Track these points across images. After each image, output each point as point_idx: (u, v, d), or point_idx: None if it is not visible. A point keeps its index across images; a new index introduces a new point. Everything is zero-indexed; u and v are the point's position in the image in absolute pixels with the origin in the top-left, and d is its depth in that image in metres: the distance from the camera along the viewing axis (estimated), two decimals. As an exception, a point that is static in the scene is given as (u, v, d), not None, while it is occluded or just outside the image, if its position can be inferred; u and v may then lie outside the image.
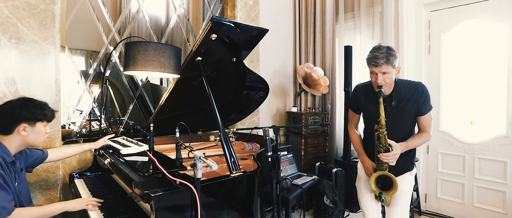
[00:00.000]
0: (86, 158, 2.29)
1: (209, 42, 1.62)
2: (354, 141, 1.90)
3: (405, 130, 1.67)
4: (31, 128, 1.38)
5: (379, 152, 1.58)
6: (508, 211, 2.57)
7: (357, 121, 1.92)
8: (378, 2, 3.11)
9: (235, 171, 1.40)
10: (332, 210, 2.85)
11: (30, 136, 1.39)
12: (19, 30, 1.90)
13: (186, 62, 1.74)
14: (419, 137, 1.67)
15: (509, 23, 2.52)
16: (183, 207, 1.18)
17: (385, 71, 1.56)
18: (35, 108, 1.39)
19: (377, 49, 1.59)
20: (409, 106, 1.64)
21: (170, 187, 1.19)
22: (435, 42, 2.93)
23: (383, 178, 1.62)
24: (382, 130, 1.56)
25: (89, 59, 2.63)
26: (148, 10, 2.66)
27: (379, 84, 1.57)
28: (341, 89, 3.47)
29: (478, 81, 2.72)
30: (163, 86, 3.04)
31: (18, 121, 1.35)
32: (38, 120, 1.40)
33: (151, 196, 1.08)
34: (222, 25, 1.53)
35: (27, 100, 1.40)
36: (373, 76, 1.62)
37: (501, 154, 2.59)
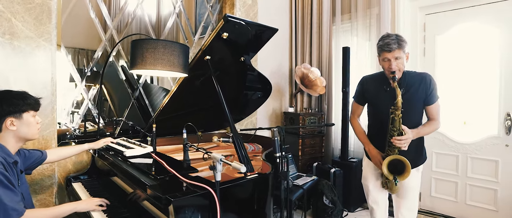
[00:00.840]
0: (82, 160, 2.20)
1: (219, 41, 1.59)
2: (358, 131, 1.95)
3: (414, 118, 1.71)
4: (18, 121, 1.32)
5: (392, 136, 1.61)
6: (499, 208, 2.67)
7: (361, 112, 1.97)
8: (375, 4, 3.16)
9: (250, 172, 1.38)
10: (331, 210, 2.87)
11: (22, 129, 1.33)
12: (13, 25, 1.79)
13: (195, 61, 1.69)
14: (429, 125, 1.73)
15: (500, 28, 2.62)
16: (201, 210, 1.15)
17: (398, 56, 1.62)
18: (16, 99, 1.32)
19: (387, 37, 1.66)
20: (417, 95, 1.69)
21: (187, 190, 1.15)
22: (430, 45, 3.01)
23: (394, 164, 1.63)
24: (398, 112, 1.59)
25: (82, 57, 2.54)
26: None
27: (392, 70, 1.63)
28: (337, 89, 3.51)
29: (471, 83, 2.81)
30: (154, 85, 2.97)
31: (2, 116, 1.28)
32: (23, 110, 1.33)
33: (171, 200, 1.04)
34: (234, 24, 1.50)
35: (5, 93, 1.32)
36: (386, 63, 1.67)
37: (493, 154, 2.69)
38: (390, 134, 1.63)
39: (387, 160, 1.62)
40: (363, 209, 3.17)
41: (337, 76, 3.51)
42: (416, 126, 1.71)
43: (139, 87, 2.56)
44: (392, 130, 1.62)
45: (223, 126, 2.89)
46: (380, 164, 1.71)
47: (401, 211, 1.81)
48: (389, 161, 1.62)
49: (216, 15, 3.15)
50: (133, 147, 1.78)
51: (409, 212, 1.79)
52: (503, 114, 2.64)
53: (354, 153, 3.37)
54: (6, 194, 1.17)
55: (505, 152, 2.62)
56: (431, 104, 1.72)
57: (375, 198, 1.88)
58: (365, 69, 3.28)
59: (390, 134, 1.62)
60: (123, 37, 2.33)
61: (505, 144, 2.62)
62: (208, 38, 1.57)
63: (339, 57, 3.37)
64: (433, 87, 1.71)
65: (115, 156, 1.72)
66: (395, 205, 1.85)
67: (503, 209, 2.64)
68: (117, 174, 1.63)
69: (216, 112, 2.43)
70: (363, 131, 1.92)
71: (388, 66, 1.65)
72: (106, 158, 1.78)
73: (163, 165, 1.42)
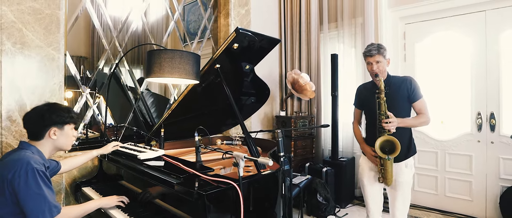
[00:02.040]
0: (87, 166, 2.24)
1: (229, 51, 1.72)
2: (356, 134, 2.20)
3: (401, 115, 1.93)
4: (60, 132, 1.43)
5: (380, 121, 1.85)
6: (474, 198, 2.96)
7: (360, 116, 2.21)
8: (359, 14, 3.41)
9: (263, 169, 1.52)
10: (325, 207, 3.05)
11: (60, 140, 1.43)
12: (24, 35, 1.84)
13: (205, 69, 1.81)
14: (417, 117, 1.98)
15: (472, 37, 2.93)
16: (225, 202, 1.27)
17: (378, 60, 1.92)
18: (63, 111, 1.43)
19: (371, 45, 1.98)
20: (400, 92, 1.94)
21: (214, 186, 1.27)
22: (410, 51, 3.29)
23: (384, 146, 1.85)
24: (382, 95, 1.85)
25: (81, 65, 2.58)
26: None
27: (375, 73, 1.91)
28: (326, 94, 3.73)
29: (446, 85, 3.11)
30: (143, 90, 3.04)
31: (48, 125, 1.38)
32: (66, 123, 1.44)
33: (204, 193, 1.16)
34: (245, 36, 1.64)
35: (54, 105, 1.44)
36: (369, 67, 1.96)
37: (467, 149, 2.98)
38: (379, 119, 1.86)
39: (379, 141, 1.83)
40: (353, 205, 3.38)
41: (326, 81, 3.73)
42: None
43: (141, 95, 2.63)
44: (379, 115, 1.86)
45: (220, 130, 3.01)
46: (374, 157, 1.92)
47: (395, 204, 2.00)
48: (380, 142, 1.83)
49: (211, 24, 3.27)
50: (144, 150, 1.87)
51: (403, 205, 1.99)
52: (474, 113, 2.94)
53: (343, 153, 3.58)
54: (49, 193, 1.28)
55: (478, 147, 2.92)
56: (416, 101, 1.97)
57: (369, 193, 2.06)
58: (351, 74, 3.52)
59: (379, 119, 1.86)
60: (133, 47, 2.41)
61: (477, 140, 2.92)
62: (219, 49, 1.70)
63: (327, 63, 3.59)
64: (414, 87, 1.96)
65: (128, 160, 1.80)
66: (390, 199, 2.04)
67: (477, 199, 2.93)
68: (131, 174, 1.71)
69: (216, 117, 2.56)
70: (360, 133, 2.19)
71: (371, 69, 1.95)
72: (119, 162, 1.85)
73: (178, 166, 1.54)
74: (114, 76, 2.50)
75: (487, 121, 2.88)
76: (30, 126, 1.39)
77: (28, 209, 1.23)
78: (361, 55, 3.41)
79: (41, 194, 1.25)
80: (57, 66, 1.99)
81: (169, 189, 1.37)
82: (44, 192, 1.26)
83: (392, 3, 3.33)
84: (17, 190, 1.22)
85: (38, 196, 1.24)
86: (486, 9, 2.85)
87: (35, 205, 1.23)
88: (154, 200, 1.54)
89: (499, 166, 2.83)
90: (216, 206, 1.24)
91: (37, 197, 1.24)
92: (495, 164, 2.84)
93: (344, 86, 3.51)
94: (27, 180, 1.23)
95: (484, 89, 2.87)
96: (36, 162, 1.30)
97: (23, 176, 1.23)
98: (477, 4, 2.87)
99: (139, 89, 2.67)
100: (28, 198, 1.23)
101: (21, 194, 1.22)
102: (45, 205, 1.25)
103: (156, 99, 2.98)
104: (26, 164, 1.25)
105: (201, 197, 1.17)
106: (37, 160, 1.32)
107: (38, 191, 1.25)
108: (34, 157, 1.32)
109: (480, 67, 2.89)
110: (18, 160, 1.27)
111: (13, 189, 1.22)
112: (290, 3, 3.90)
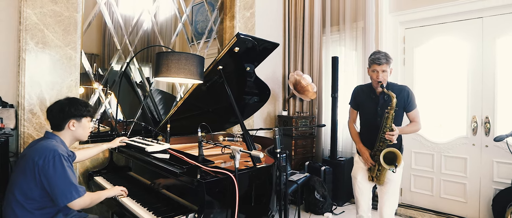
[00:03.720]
0: (98, 158, 2.42)
1: (231, 53, 1.87)
2: (352, 133, 2.28)
3: (396, 122, 2.03)
4: (78, 123, 1.60)
5: (385, 132, 1.93)
6: (468, 200, 3.04)
7: (356, 116, 2.29)
8: (361, 18, 3.52)
9: (259, 163, 1.66)
10: (322, 204, 3.17)
11: (78, 131, 1.60)
12: (45, 35, 2.02)
13: (209, 70, 1.96)
14: (410, 126, 2.08)
15: (469, 41, 3.02)
16: (222, 191, 1.42)
17: (384, 70, 1.98)
18: (81, 105, 1.60)
19: (378, 53, 2.02)
20: (397, 101, 2.01)
21: (211, 176, 1.42)
22: (409, 56, 3.38)
23: (386, 157, 1.95)
24: (392, 111, 1.92)
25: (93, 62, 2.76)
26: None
27: (379, 81, 1.97)
28: (327, 95, 3.84)
29: (444, 89, 3.19)
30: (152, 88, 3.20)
31: (68, 117, 1.56)
32: (84, 115, 1.61)
33: (203, 181, 1.31)
34: (245, 40, 1.79)
35: (73, 100, 1.61)
36: (375, 74, 2.01)
37: (463, 152, 3.07)
38: (383, 130, 1.95)
39: (383, 153, 1.92)
40: (350, 203, 3.49)
41: (327, 83, 3.85)
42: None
43: (150, 93, 2.80)
44: (385, 127, 1.95)
45: (224, 128, 3.15)
46: (368, 158, 2.04)
47: (384, 201, 2.12)
48: (385, 153, 1.93)
49: (217, 25, 3.43)
50: (151, 144, 2.03)
51: (392, 201, 2.10)
52: (470, 117, 3.02)
53: (342, 152, 3.69)
54: (74, 176, 1.46)
55: (472, 150, 3.01)
56: (410, 111, 2.08)
57: (361, 189, 2.18)
58: (351, 76, 3.63)
59: (383, 130, 1.95)
60: (143, 48, 2.58)
61: (472, 143, 3.01)
62: (222, 52, 1.85)
63: (329, 65, 3.71)
64: (411, 98, 2.06)
65: (137, 152, 1.96)
66: (379, 196, 2.16)
67: (471, 201, 3.02)
68: (139, 166, 1.87)
69: (220, 115, 2.70)
70: (356, 132, 2.26)
71: (376, 77, 2.00)
72: (129, 153, 2.02)
73: (183, 159, 1.69)
74: (125, 74, 2.67)
75: (482, 125, 2.96)
76: (52, 117, 1.57)
77: (57, 190, 1.41)
78: (361, 58, 3.52)
79: (67, 176, 1.43)
80: (74, 64, 2.17)
81: (173, 177, 1.52)
82: (69, 175, 1.44)
83: (393, 8, 3.43)
84: (47, 174, 1.40)
85: (65, 178, 1.42)
86: (483, 16, 2.93)
87: (63, 186, 1.41)
88: (160, 190, 1.69)
89: (492, 169, 2.90)
90: (214, 194, 1.38)
91: (64, 179, 1.42)
92: (489, 167, 2.92)
93: (344, 88, 3.62)
94: (55, 164, 1.41)
95: (480, 94, 2.95)
96: (62, 150, 1.47)
97: (51, 161, 1.41)
98: (475, 10, 2.95)
99: (148, 87, 2.84)
100: (57, 180, 1.40)
101: (51, 177, 1.40)
102: (72, 186, 1.43)
103: (163, 96, 3.15)
104: (53, 151, 1.44)
105: (201, 184, 1.32)
106: (62, 149, 1.50)
107: (64, 174, 1.42)
108: (60, 146, 1.50)
109: (476, 72, 2.97)
110: (47, 147, 1.45)
111: (43, 174, 1.40)
112: (294, 6, 4.02)
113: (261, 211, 1.67)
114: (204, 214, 1.31)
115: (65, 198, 1.41)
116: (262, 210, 1.68)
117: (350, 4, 3.61)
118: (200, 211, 1.32)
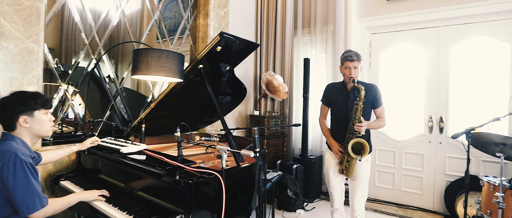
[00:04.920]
0: (63, 161, 2.24)
1: (212, 53, 1.84)
2: (323, 128, 2.39)
3: (364, 116, 2.16)
4: (31, 119, 1.42)
5: (354, 123, 2.06)
6: (424, 192, 3.33)
7: (326, 113, 2.41)
8: (331, 22, 3.67)
9: (242, 163, 1.66)
10: (295, 201, 3.26)
11: (35, 127, 1.43)
12: (2, 26, 1.82)
13: (189, 68, 1.92)
14: (377, 121, 2.24)
15: (427, 48, 3.30)
16: (208, 191, 1.40)
17: (356, 66, 2.12)
18: (28, 98, 1.42)
19: (350, 51, 2.18)
20: (366, 98, 2.15)
21: (196, 176, 1.39)
22: (375, 59, 3.61)
23: (355, 148, 2.06)
24: (360, 103, 2.05)
25: (56, 58, 2.55)
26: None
27: (352, 77, 2.10)
28: (298, 95, 3.95)
29: (405, 91, 3.46)
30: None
31: (15, 114, 1.39)
32: (34, 109, 1.43)
33: (190, 182, 1.28)
34: (228, 40, 1.77)
35: (18, 94, 1.44)
36: (347, 71, 2.14)
37: (420, 148, 3.35)
38: (352, 122, 2.07)
39: (351, 143, 2.03)
40: (320, 199, 3.63)
41: (298, 83, 3.96)
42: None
43: (119, 91, 2.65)
44: (354, 118, 2.07)
45: (197, 128, 3.09)
46: (338, 149, 2.16)
47: (355, 195, 2.24)
48: (353, 143, 2.03)
49: (191, 23, 3.35)
50: (126, 145, 1.93)
51: (362, 195, 2.23)
52: (427, 117, 3.31)
53: (312, 151, 3.83)
54: (37, 183, 1.32)
55: (428, 147, 3.30)
56: (377, 107, 2.23)
57: (334, 184, 2.29)
58: (321, 77, 3.78)
59: (352, 122, 2.07)
60: (118, 43, 2.43)
61: (428, 140, 3.30)
62: (203, 50, 1.81)
63: (300, 66, 3.82)
64: (378, 95, 2.21)
65: (111, 153, 1.85)
66: (350, 190, 2.28)
67: (426, 192, 3.31)
68: (111, 168, 1.77)
69: (193, 114, 2.65)
70: (327, 128, 2.38)
71: (349, 73, 2.14)
72: (101, 155, 1.90)
73: (163, 160, 1.64)
74: (92, 71, 2.49)
75: (437, 124, 3.26)
76: (0, 118, 1.40)
77: (18, 200, 1.27)
78: (331, 60, 3.68)
79: (30, 185, 1.29)
80: (36, 59, 1.98)
81: (155, 179, 1.46)
82: (32, 183, 1.30)
83: (360, 14, 3.63)
84: (6, 181, 1.25)
85: (27, 187, 1.28)
86: (439, 25, 3.23)
87: (24, 196, 1.27)
88: (137, 192, 1.62)
89: (445, 163, 3.22)
90: (201, 195, 1.36)
91: (26, 188, 1.28)
92: (442, 162, 3.23)
93: (315, 89, 3.75)
94: (16, 172, 1.27)
95: (435, 96, 3.25)
96: (23, 154, 1.33)
97: (11, 167, 1.26)
98: (432, 20, 3.24)
99: (118, 85, 2.69)
100: (18, 189, 1.26)
101: (10, 186, 1.26)
102: (35, 195, 1.29)
103: (130, 94, 3.00)
104: (14, 156, 1.28)
105: (188, 185, 1.29)
106: (24, 152, 1.35)
107: (26, 182, 1.28)
108: (21, 149, 1.35)
109: (432, 76, 3.27)
110: (5, 151, 1.29)
111: (1, 181, 1.25)
112: (267, 7, 4.07)
113: (243, 210, 1.68)
114: (191, 216, 1.28)
115: (26, 209, 1.28)
116: (244, 209, 1.68)
117: (321, 8, 3.74)
118: (188, 213, 1.29)
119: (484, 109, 3.03)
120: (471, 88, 3.10)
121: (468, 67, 3.11)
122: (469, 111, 3.11)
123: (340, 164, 2.21)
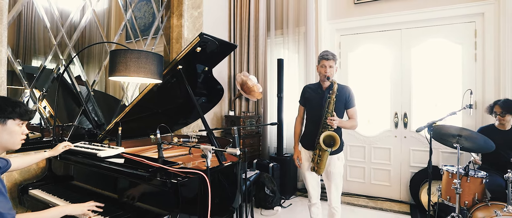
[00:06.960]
0: (30, 169, 2.11)
1: (192, 54, 1.85)
2: (296, 132, 2.48)
3: (337, 115, 2.27)
4: (1, 127, 1.25)
5: (327, 117, 2.15)
6: (392, 183, 3.57)
7: (303, 113, 2.49)
8: (303, 23, 3.80)
9: (225, 161, 1.69)
10: (272, 199, 3.33)
11: (3, 136, 1.26)
12: (-40, 25, 1.68)
13: (167, 69, 1.90)
14: (349, 121, 2.35)
15: (391, 49, 3.54)
16: (193, 190, 1.41)
17: (331, 65, 2.23)
18: (6, 105, 1.27)
19: (326, 51, 2.29)
20: (339, 97, 2.27)
21: (181, 177, 1.40)
22: (344, 59, 3.79)
23: (326, 140, 2.15)
24: (333, 96, 2.15)
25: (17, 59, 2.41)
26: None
27: (327, 75, 2.20)
28: (272, 95, 4.04)
29: (373, 89, 3.68)
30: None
31: None
32: (9, 117, 1.27)
33: (177, 182, 1.28)
34: (207, 41, 1.79)
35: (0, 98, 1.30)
36: (323, 69, 2.24)
37: (387, 143, 3.58)
38: (325, 116, 2.17)
39: (322, 135, 2.13)
40: (296, 196, 3.74)
41: (272, 83, 4.04)
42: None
43: (90, 94, 2.55)
44: (327, 112, 2.17)
45: (172, 129, 3.05)
46: (296, 158, 2.34)
47: (331, 191, 2.36)
48: (323, 137, 2.13)
49: (164, 24, 3.29)
50: (102, 148, 1.87)
51: (337, 191, 2.35)
52: (393, 113, 3.55)
53: (288, 149, 3.93)
54: (2, 200, 1.16)
55: (395, 141, 3.54)
56: (350, 108, 2.35)
57: (310, 181, 2.38)
58: (294, 76, 3.89)
59: (325, 116, 2.17)
60: (88, 45, 2.33)
61: (394, 135, 3.54)
62: (183, 51, 1.81)
63: (274, 66, 3.90)
64: (351, 96, 2.33)
65: (87, 158, 1.78)
66: (326, 187, 2.39)
67: (394, 184, 3.55)
68: (86, 173, 1.71)
69: (169, 116, 2.62)
70: (299, 132, 2.47)
71: (324, 71, 2.23)
72: (76, 160, 1.82)
73: (143, 162, 1.61)
74: (61, 74, 2.37)
75: (402, 119, 3.50)
76: None
77: None
78: (303, 60, 3.81)
79: None
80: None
81: (138, 182, 1.44)
82: None
83: (330, 16, 3.80)
84: None
85: None
86: (402, 28, 3.48)
87: None
88: (118, 197, 1.58)
89: (410, 156, 3.47)
90: (187, 195, 1.37)
91: None
92: (407, 155, 3.48)
93: (288, 89, 3.86)
94: None
95: (400, 93, 3.49)
96: None
97: None
98: (395, 23, 3.48)
99: (90, 88, 2.58)
100: None
101: None
102: None
103: (101, 97, 2.88)
104: None
105: (173, 186, 1.29)
106: None
107: None
108: None
109: (396, 75, 3.51)
110: None
111: None
112: (240, 9, 4.11)
113: (226, 209, 1.70)
114: (178, 217, 1.29)
115: None
116: (227, 208, 1.71)
117: (293, 10, 3.86)
118: (174, 214, 1.29)
119: (441, 105, 3.31)
120: (431, 85, 3.38)
121: (427, 66, 3.38)
122: (429, 107, 3.39)
123: (312, 162, 2.30)
